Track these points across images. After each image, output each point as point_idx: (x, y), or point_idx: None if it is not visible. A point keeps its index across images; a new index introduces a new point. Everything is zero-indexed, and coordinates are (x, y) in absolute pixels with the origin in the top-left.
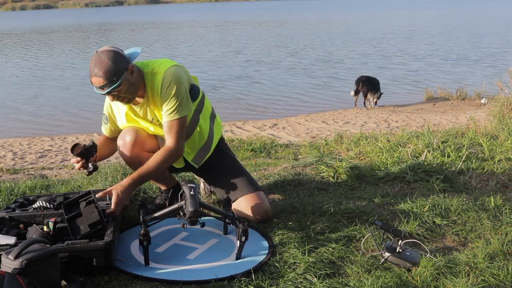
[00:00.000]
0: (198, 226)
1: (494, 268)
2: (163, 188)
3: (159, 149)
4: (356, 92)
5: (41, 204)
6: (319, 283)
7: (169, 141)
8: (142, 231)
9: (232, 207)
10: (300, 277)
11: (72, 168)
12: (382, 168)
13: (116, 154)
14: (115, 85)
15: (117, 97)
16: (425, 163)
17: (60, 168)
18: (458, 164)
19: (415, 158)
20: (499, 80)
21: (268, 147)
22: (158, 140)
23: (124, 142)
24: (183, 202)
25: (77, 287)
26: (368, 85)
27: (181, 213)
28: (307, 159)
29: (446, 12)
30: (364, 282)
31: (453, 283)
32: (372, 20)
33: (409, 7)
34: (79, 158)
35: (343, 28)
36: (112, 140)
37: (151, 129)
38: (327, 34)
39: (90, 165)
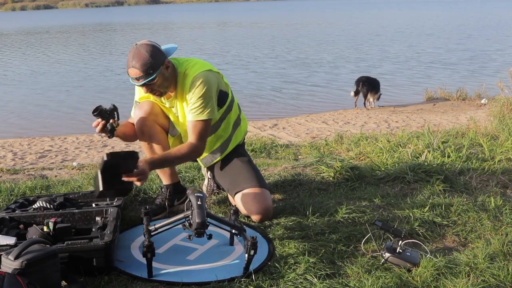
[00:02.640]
0: (205, 238)
1: (494, 268)
2: (165, 182)
3: (168, 130)
4: (356, 93)
5: (41, 205)
6: (319, 284)
7: (192, 137)
8: (146, 243)
9: (235, 199)
10: (300, 278)
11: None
12: (382, 169)
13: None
14: (151, 78)
15: (150, 89)
16: (425, 164)
17: (60, 169)
18: (459, 165)
19: (415, 159)
20: (499, 80)
21: (268, 147)
22: (170, 123)
23: (141, 111)
24: (189, 212)
25: (77, 287)
26: (368, 86)
27: (187, 224)
28: (307, 160)
29: (442, 13)
30: (364, 283)
31: (453, 283)
32: (367, 21)
33: (408, 8)
34: (99, 120)
35: (335, 29)
36: None
37: (170, 116)
38: (322, 35)
39: (108, 125)
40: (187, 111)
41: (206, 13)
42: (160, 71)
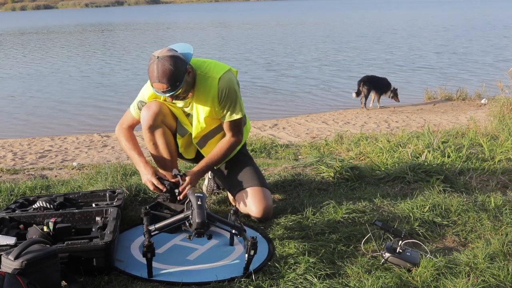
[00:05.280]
0: (205, 238)
1: (494, 268)
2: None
3: (176, 130)
4: (358, 93)
5: (41, 205)
6: (319, 284)
7: (229, 135)
8: (146, 243)
9: (236, 198)
10: (300, 278)
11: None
12: (383, 169)
13: (116, 155)
14: (178, 88)
15: (175, 97)
16: (425, 164)
17: (60, 169)
18: (459, 165)
19: (415, 159)
20: (499, 80)
21: (268, 147)
22: (177, 123)
23: (149, 112)
24: (189, 212)
25: (77, 287)
26: (370, 85)
27: (187, 224)
28: (307, 160)
29: (439, 13)
30: (364, 283)
31: (453, 283)
32: (362, 21)
33: (408, 8)
34: (162, 187)
35: (331, 29)
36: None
37: (178, 116)
38: (320, 35)
39: (168, 191)
40: (222, 115)
41: (204, 13)
42: (184, 79)
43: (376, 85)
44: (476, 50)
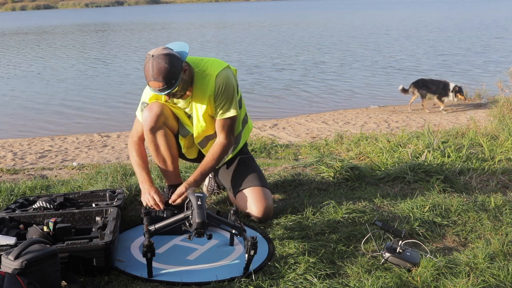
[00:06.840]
0: (205, 238)
1: (494, 268)
2: (168, 183)
3: (177, 132)
4: (404, 90)
5: (41, 205)
6: (319, 284)
7: (221, 136)
8: (146, 242)
9: (236, 197)
10: (300, 278)
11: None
12: (383, 169)
13: (116, 155)
14: (174, 86)
15: (172, 95)
16: (425, 164)
17: (60, 169)
18: (458, 165)
19: (415, 159)
20: (499, 80)
21: (268, 147)
22: (179, 124)
23: (150, 113)
24: (189, 212)
25: (77, 287)
26: (420, 87)
27: (187, 224)
28: (307, 160)
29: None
30: (364, 283)
31: (453, 283)
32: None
33: (409, 8)
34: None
35: (329, 29)
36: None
37: (179, 117)
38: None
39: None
40: (216, 112)
41: (203, 13)
42: (180, 77)
43: (431, 88)
44: (474, 51)
